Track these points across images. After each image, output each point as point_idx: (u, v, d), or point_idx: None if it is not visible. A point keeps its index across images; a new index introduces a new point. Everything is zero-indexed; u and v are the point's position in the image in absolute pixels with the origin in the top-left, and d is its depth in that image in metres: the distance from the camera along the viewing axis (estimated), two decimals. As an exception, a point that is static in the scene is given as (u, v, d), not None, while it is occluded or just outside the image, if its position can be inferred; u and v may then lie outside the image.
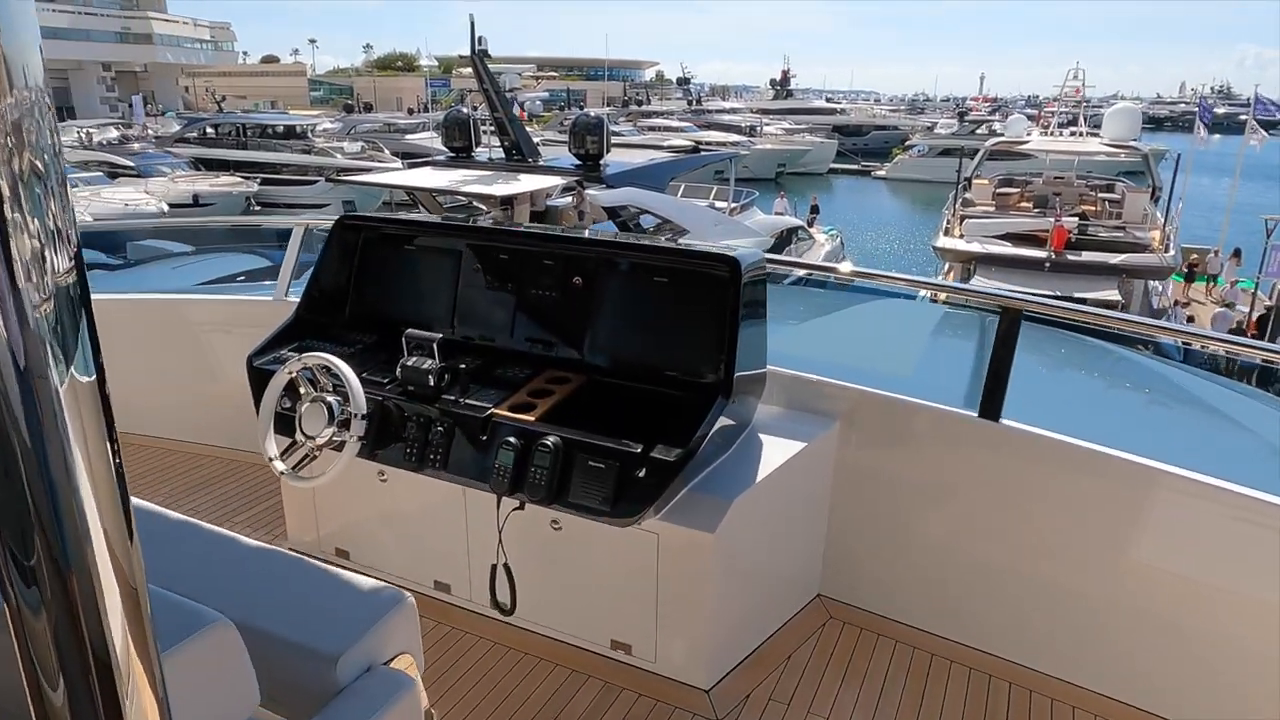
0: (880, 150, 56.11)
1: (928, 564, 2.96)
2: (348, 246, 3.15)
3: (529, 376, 2.73)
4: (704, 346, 2.55)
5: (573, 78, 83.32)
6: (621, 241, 2.87)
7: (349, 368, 2.54)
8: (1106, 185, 21.14)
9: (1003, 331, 2.68)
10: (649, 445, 2.35)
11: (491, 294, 2.92)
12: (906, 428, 2.90)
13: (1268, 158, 32.26)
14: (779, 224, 17.22)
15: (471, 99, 43.46)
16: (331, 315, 3.11)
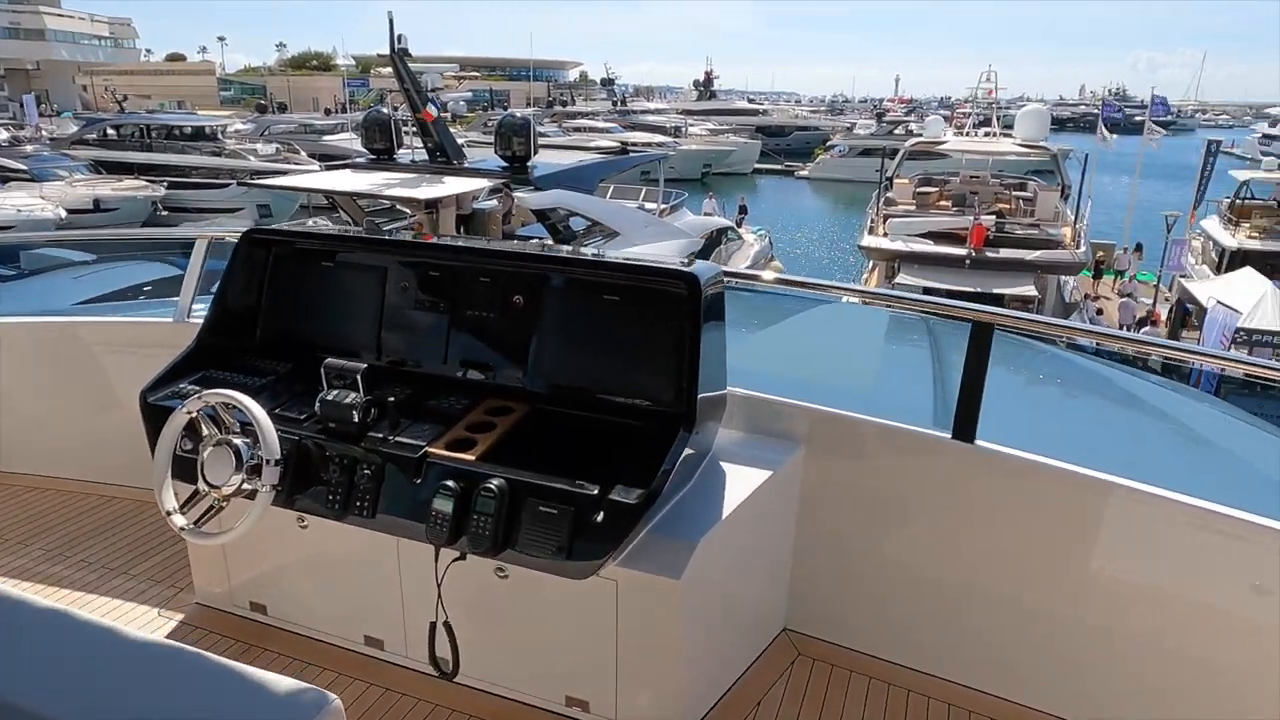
0: (802, 150, 57.10)
1: (901, 595, 2.80)
2: (256, 263, 2.81)
3: (467, 408, 2.46)
4: (661, 371, 2.35)
5: (495, 78, 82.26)
6: (567, 256, 2.64)
7: (258, 406, 2.24)
8: (1019, 184, 21.95)
9: (974, 347, 2.54)
10: (606, 486, 2.10)
11: (422, 315, 2.63)
12: (875, 450, 2.74)
13: (1164, 156, 34.10)
14: (709, 225, 17.27)
15: (391, 99, 42.50)
16: (238, 341, 2.79)
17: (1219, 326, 12.97)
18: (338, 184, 13.95)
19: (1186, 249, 21.36)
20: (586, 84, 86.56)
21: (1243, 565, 2.30)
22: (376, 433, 2.32)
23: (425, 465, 2.25)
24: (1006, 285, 15.66)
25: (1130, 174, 31.08)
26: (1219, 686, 2.40)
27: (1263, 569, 2.26)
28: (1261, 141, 55.78)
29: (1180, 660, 2.44)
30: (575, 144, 28.36)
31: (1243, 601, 2.32)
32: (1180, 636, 2.44)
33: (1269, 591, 2.26)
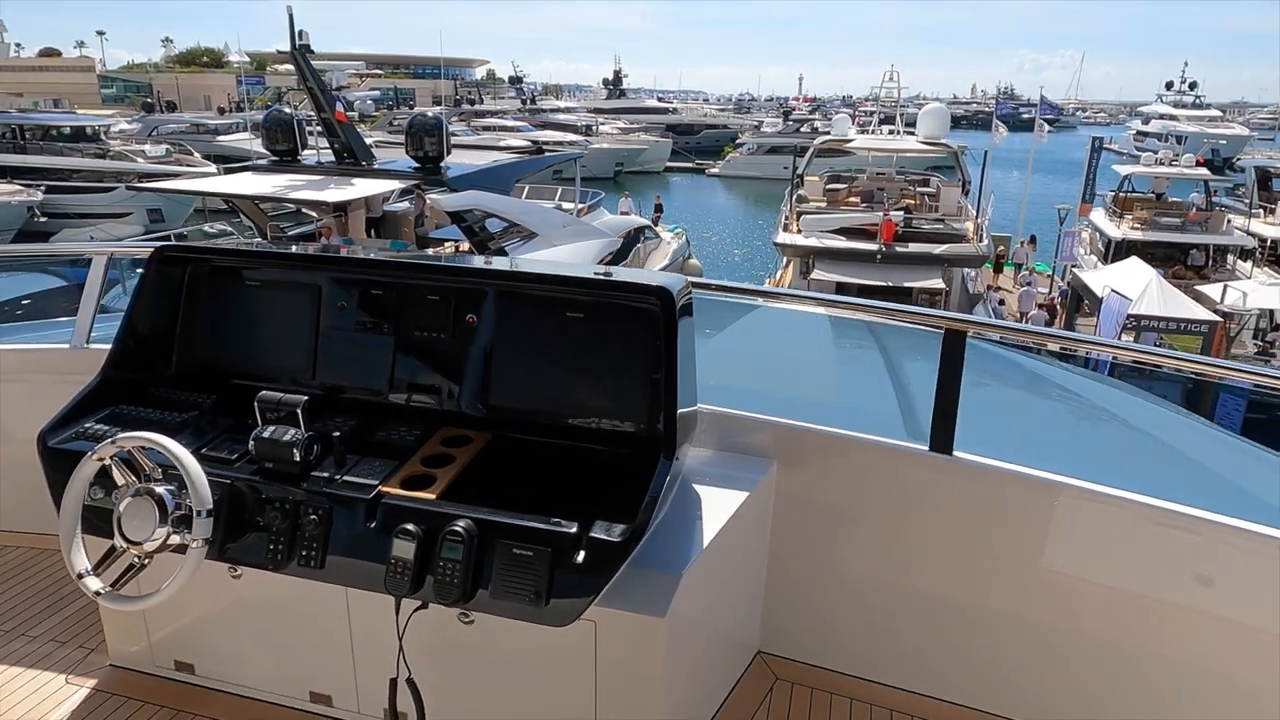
0: (712, 148, 57.81)
1: (880, 612, 2.71)
2: (169, 284, 2.52)
3: (420, 439, 2.24)
4: (632, 392, 2.19)
5: (399, 75, 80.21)
6: (525, 272, 2.44)
7: (183, 448, 1.97)
8: (923, 180, 22.74)
9: (947, 355, 2.45)
10: (585, 522, 1.93)
11: (363, 338, 2.40)
12: (851, 465, 2.63)
13: (1050, 152, 35.98)
14: (627, 224, 17.22)
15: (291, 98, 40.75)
16: (151, 372, 2.49)
17: (1114, 314, 13.70)
18: (239, 187, 13.30)
19: (1077, 240, 22.55)
20: (494, 82, 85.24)
21: (1254, 576, 2.23)
22: (321, 472, 2.09)
23: (380, 507, 2.03)
24: (915, 279, 16.16)
25: (1020, 169, 32.71)
26: (1229, 704, 2.32)
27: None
28: (1136, 138, 59.53)
29: (1180, 668, 2.38)
30: (485, 143, 27.93)
31: (1255, 612, 2.25)
32: (1176, 644, 2.37)
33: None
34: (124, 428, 2.17)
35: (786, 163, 46.76)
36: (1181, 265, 20.89)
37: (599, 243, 15.29)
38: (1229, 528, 2.27)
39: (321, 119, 13.78)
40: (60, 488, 2.08)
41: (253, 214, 14.58)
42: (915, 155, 24.16)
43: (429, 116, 14.26)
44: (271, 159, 14.35)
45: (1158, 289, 15.25)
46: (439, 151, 13.53)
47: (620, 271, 2.29)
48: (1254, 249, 21.94)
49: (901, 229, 17.05)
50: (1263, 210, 23.37)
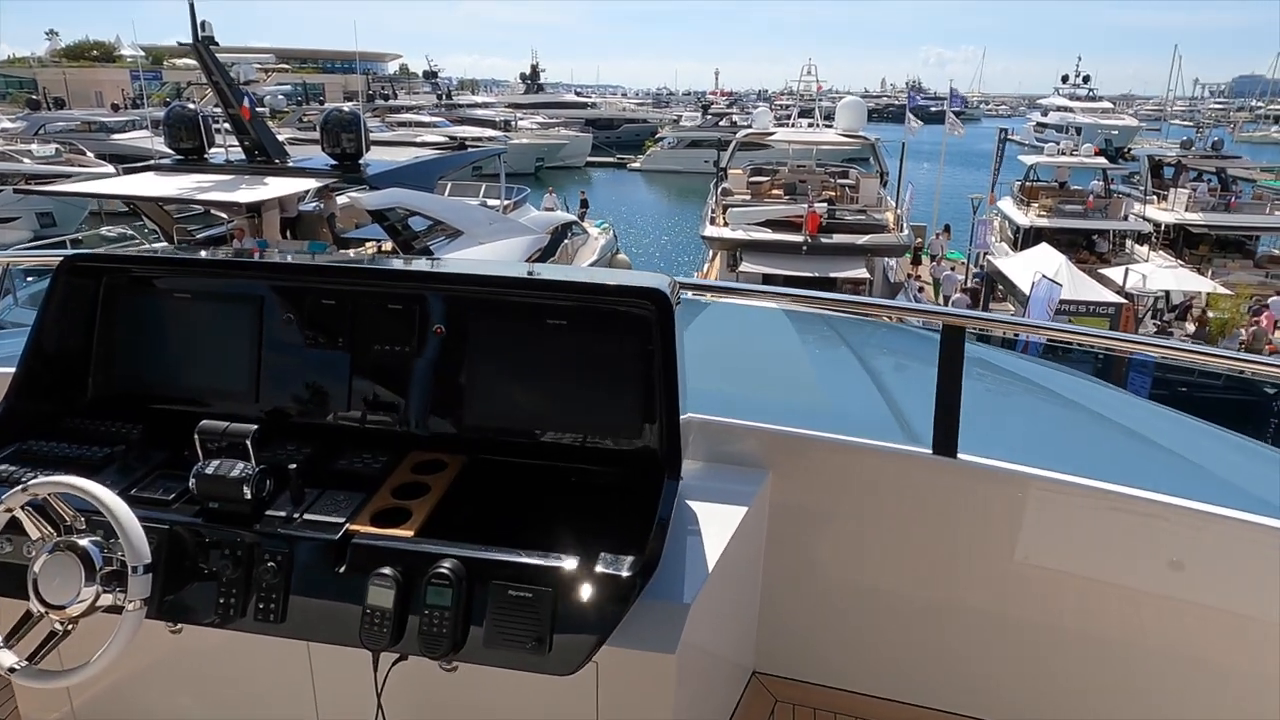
0: (633, 143, 57.81)
1: (882, 624, 2.59)
2: (83, 298, 2.22)
3: (388, 467, 2.01)
4: (621, 405, 2.02)
5: (306, 70, 77.46)
6: (500, 275, 2.21)
7: (110, 493, 1.67)
8: (841, 172, 23.21)
9: (947, 353, 2.33)
10: (587, 554, 1.74)
11: (315, 354, 2.15)
12: (851, 472, 2.50)
13: (957, 143, 37.15)
14: (554, 220, 16.99)
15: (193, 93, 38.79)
16: (62, 400, 2.20)
17: (1043, 300, 14.23)
18: (142, 188, 12.51)
19: (990, 228, 23.40)
20: (408, 77, 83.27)
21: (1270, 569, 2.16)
22: (277, 510, 1.83)
23: (349, 548, 1.78)
24: (841, 269, 16.47)
25: (929, 160, 33.78)
26: (1257, 702, 2.26)
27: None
28: (1036, 129, 62.23)
29: (1197, 668, 2.32)
30: (402, 139, 27.20)
31: (1265, 606, 2.19)
32: (1197, 643, 2.29)
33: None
34: (34, 468, 1.91)
35: (707, 156, 47.22)
36: (1086, 251, 21.90)
37: (526, 239, 15.02)
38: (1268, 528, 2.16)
39: (229, 115, 13.10)
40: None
41: (157, 216, 13.78)
42: (834, 147, 24.65)
43: (345, 111, 13.70)
44: (176, 158, 13.58)
45: (1068, 274, 15.94)
46: (357, 148, 13.03)
47: (605, 273, 2.12)
48: (1150, 234, 23.20)
49: (826, 220, 17.34)
50: (1156, 197, 24.69)
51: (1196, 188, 24.41)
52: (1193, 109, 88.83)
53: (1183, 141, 30.88)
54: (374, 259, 2.68)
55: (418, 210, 13.08)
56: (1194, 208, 23.54)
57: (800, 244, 16.62)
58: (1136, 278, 17.83)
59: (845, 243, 16.91)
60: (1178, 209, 23.63)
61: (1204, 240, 23.54)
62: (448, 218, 13.71)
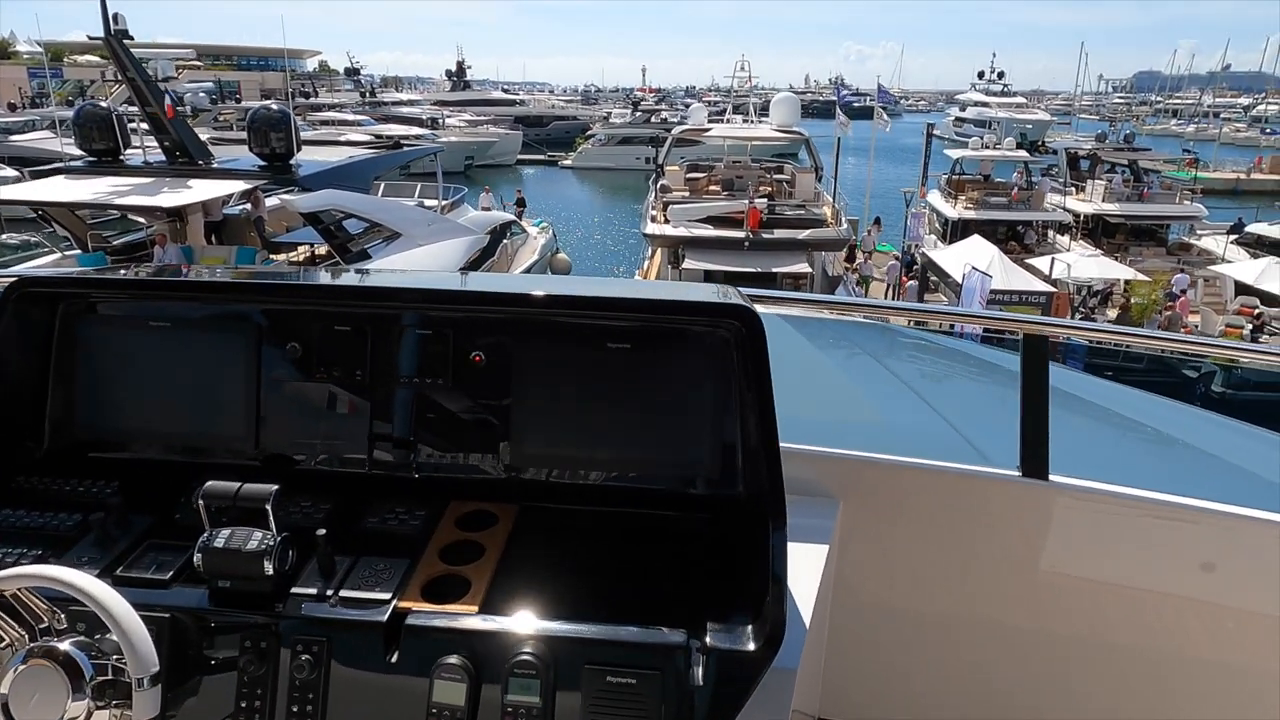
0: (563, 140, 57.41)
1: (959, 658, 2.38)
2: (36, 330, 1.85)
3: (428, 523, 1.69)
4: (701, 440, 1.75)
5: (220, 67, 74.45)
6: (548, 294, 1.88)
7: (99, 583, 1.30)
8: (776, 167, 23.43)
9: (1029, 365, 2.13)
10: (693, 626, 1.45)
11: (326, 390, 1.82)
12: (931, 499, 2.28)
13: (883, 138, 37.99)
14: (492, 220, 16.65)
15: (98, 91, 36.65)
16: (13, 455, 1.83)
17: (976, 291, 14.58)
18: (53, 193, 11.73)
19: (922, 220, 23.98)
20: (329, 74, 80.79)
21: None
22: (304, 587, 1.49)
23: (402, 632, 1.45)
24: (782, 264, 16.59)
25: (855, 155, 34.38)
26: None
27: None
28: (955, 124, 64.29)
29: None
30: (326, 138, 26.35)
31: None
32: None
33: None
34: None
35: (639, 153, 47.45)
36: (1014, 242, 22.63)
37: (466, 240, 14.67)
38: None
39: (148, 114, 12.39)
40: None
41: (69, 223, 12.97)
42: (767, 143, 24.87)
43: (274, 109, 13.12)
44: (88, 160, 12.79)
45: (1000, 264, 16.43)
46: (288, 148, 12.50)
47: (676, 289, 1.87)
48: (1070, 224, 24.14)
49: (766, 216, 17.46)
50: (1074, 188, 25.70)
51: (1111, 179, 25.50)
52: (1099, 104, 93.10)
53: (1097, 135, 32.28)
54: (402, 276, 2.26)
55: (353, 212, 12.62)
56: (1110, 198, 24.60)
57: (742, 240, 16.69)
58: (1062, 267, 18.52)
59: (786, 238, 17.05)
60: (1095, 200, 24.65)
61: (1120, 229, 24.62)
62: (385, 219, 13.28)
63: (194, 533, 1.55)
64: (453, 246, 14.19)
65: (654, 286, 1.92)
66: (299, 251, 13.84)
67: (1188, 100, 78.20)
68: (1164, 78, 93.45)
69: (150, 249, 12.38)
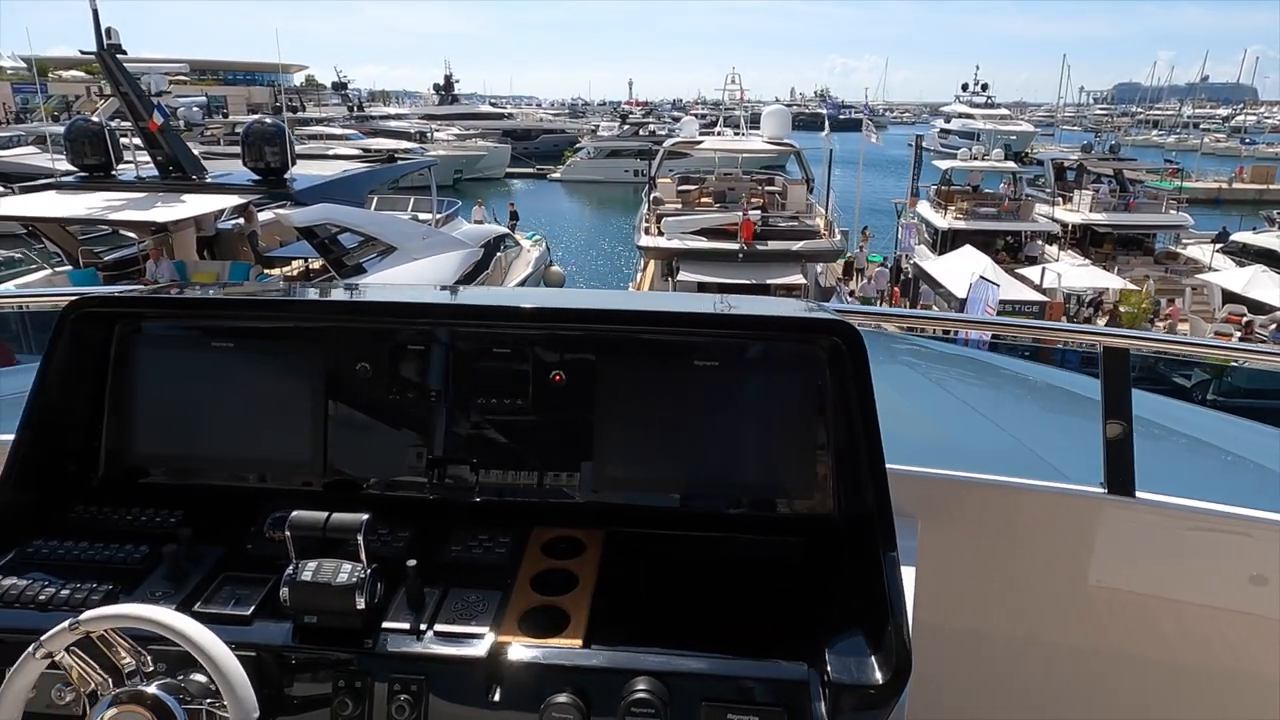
0: (551, 153, 57.50)
1: (1047, 681, 2.28)
2: (92, 352, 1.78)
3: (513, 551, 1.62)
4: (797, 461, 1.69)
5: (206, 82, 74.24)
6: (632, 310, 1.83)
7: (199, 626, 1.24)
8: (768, 179, 23.55)
9: (1110, 379, 2.08)
10: (812, 658, 1.38)
11: (398, 412, 1.76)
12: (1013, 518, 2.19)
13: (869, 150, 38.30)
14: (486, 233, 16.61)
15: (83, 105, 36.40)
16: (66, 484, 1.75)
17: (982, 301, 14.66)
18: (45, 209, 11.61)
19: (913, 231, 24.11)
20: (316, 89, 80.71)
21: None
22: (395, 621, 1.42)
23: (503, 668, 1.38)
24: (777, 276, 16.63)
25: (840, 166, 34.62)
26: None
27: None
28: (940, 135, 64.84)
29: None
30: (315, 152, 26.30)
31: None
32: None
33: None
34: (50, 579, 1.49)
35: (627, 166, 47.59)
36: (1004, 252, 22.79)
37: (461, 254, 14.63)
38: None
39: (140, 129, 12.31)
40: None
41: (59, 238, 12.84)
42: (759, 155, 24.99)
43: (268, 123, 13.05)
44: (79, 175, 12.68)
45: (993, 274, 16.52)
46: (282, 162, 12.42)
47: (767, 304, 1.83)
48: (1058, 234, 24.35)
49: (760, 228, 17.52)
50: (1061, 199, 25.93)
51: (1098, 189, 25.76)
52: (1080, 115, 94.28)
53: (1083, 146, 32.65)
54: (477, 293, 2.16)
55: (349, 226, 12.56)
56: (1097, 208, 24.84)
57: (736, 252, 16.73)
58: (1052, 276, 18.66)
59: (780, 249, 17.11)
60: (1083, 210, 24.88)
61: (1107, 239, 24.85)
62: (380, 233, 13.22)
63: (266, 564, 1.51)
64: (447, 260, 14.14)
65: (741, 301, 1.87)
66: (293, 266, 13.77)
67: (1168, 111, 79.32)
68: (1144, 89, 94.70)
69: (142, 264, 12.28)
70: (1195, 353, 2.70)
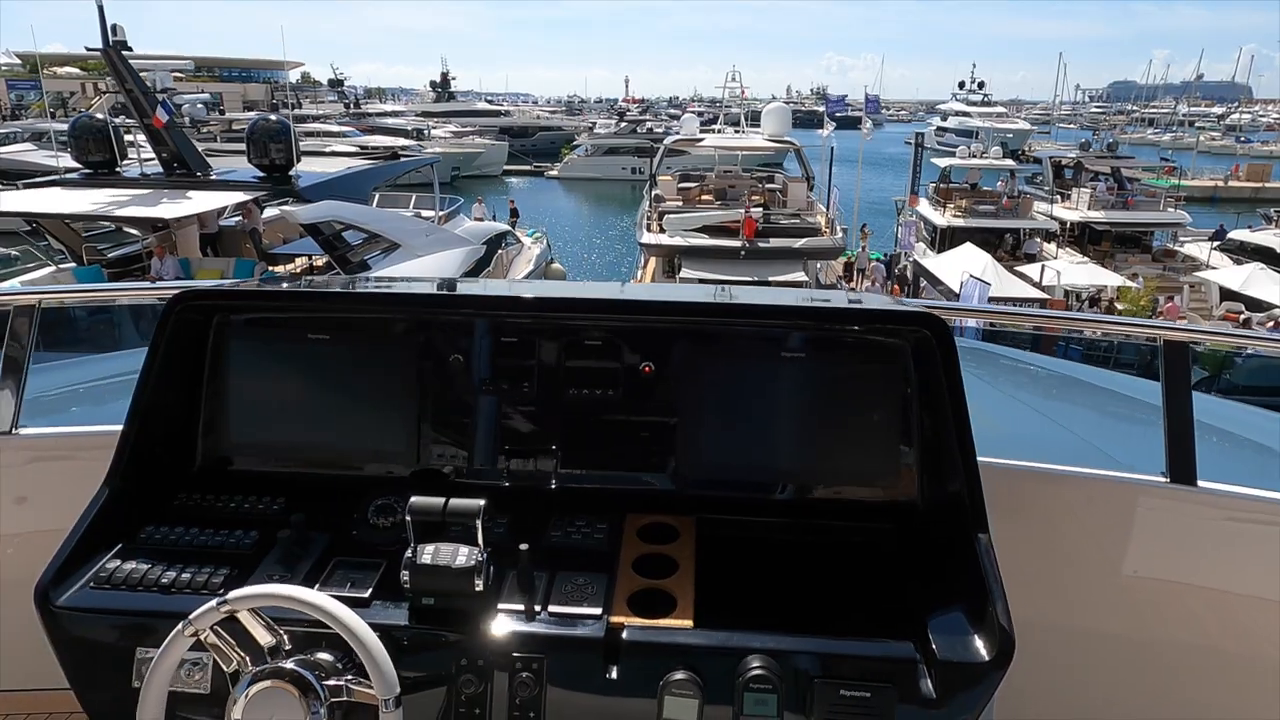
0: (549, 151, 57.44)
1: (1107, 670, 2.29)
2: (193, 343, 1.83)
3: (610, 536, 1.68)
4: (876, 450, 1.74)
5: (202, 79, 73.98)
6: (721, 303, 1.88)
7: (342, 605, 1.31)
8: (767, 176, 23.60)
9: (1169, 370, 2.12)
10: (916, 637, 1.44)
11: (491, 402, 1.81)
12: (1078, 507, 2.22)
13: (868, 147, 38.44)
14: (488, 230, 16.64)
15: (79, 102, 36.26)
16: (173, 471, 1.81)
17: (973, 298, 14.73)
18: (50, 204, 11.60)
19: (913, 229, 24.18)
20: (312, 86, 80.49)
21: None
22: (509, 603, 1.47)
23: (620, 647, 1.43)
24: (779, 272, 16.69)
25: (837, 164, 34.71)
26: None
27: None
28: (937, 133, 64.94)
29: None
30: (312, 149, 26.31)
31: None
32: None
33: None
34: (170, 564, 1.55)
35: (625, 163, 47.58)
36: (1003, 250, 22.87)
37: (464, 251, 14.65)
38: None
39: (145, 126, 12.31)
40: (88, 670, 1.42)
41: (63, 235, 12.83)
42: (758, 153, 25.06)
43: (273, 120, 13.07)
44: (83, 172, 12.68)
45: (994, 271, 16.60)
46: (287, 159, 12.43)
47: (850, 296, 1.91)
48: (1056, 231, 24.44)
49: (761, 225, 17.58)
50: (1059, 196, 26.03)
51: (1096, 187, 25.85)
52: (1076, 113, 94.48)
53: (1081, 144, 32.73)
54: (567, 286, 2.25)
55: (353, 223, 12.57)
56: (1095, 206, 24.93)
57: (739, 249, 16.79)
58: (1051, 274, 18.75)
59: (783, 246, 17.18)
60: (1081, 208, 24.97)
61: (1105, 236, 24.95)
62: (384, 230, 13.23)
63: (372, 549, 1.58)
64: (450, 257, 14.16)
65: (829, 294, 1.92)
66: (297, 263, 13.78)
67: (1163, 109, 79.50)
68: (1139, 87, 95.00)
69: (146, 261, 12.29)
70: (1255, 345, 2.70)
